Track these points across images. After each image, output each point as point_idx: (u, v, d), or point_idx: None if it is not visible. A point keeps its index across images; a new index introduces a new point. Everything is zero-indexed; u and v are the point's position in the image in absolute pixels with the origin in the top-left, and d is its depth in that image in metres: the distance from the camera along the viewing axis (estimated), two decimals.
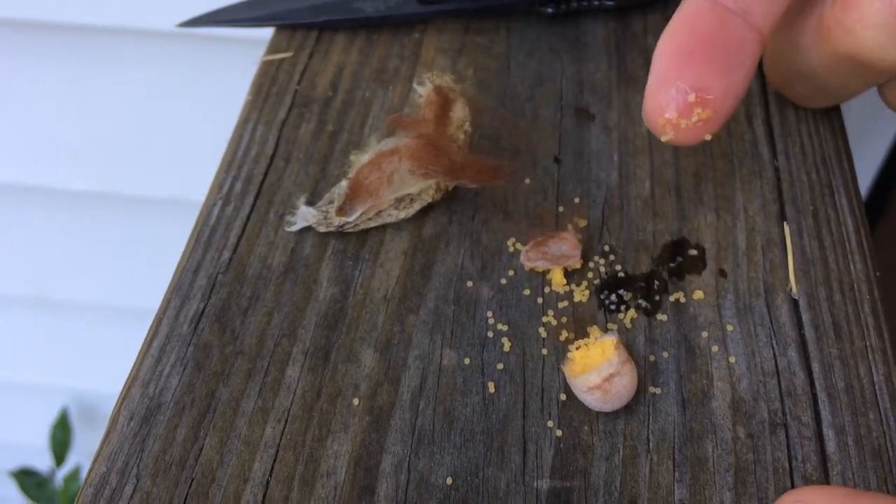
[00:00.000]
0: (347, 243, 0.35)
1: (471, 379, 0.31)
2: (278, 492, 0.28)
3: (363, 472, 0.28)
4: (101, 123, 0.71)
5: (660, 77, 0.28)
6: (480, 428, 0.30)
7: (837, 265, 0.33)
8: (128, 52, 0.64)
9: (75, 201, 0.80)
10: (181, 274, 0.33)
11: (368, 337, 0.32)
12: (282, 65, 0.41)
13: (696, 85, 0.28)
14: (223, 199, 0.36)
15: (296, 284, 0.33)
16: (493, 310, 0.33)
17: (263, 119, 0.39)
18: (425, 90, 0.34)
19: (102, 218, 0.82)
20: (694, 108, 0.28)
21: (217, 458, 0.29)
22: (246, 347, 0.31)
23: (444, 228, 0.35)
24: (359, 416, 0.30)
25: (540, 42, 0.43)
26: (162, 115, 0.69)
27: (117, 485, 0.28)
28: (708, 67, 0.28)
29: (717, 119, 0.28)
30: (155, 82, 0.65)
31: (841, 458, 0.28)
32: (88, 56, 0.65)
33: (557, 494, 0.28)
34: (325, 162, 0.37)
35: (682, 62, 0.28)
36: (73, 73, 0.67)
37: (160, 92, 0.66)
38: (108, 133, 0.72)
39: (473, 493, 0.28)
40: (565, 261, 0.33)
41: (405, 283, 0.33)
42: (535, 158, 0.38)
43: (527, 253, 0.34)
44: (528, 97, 0.40)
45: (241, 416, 0.30)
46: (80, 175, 0.76)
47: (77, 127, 0.72)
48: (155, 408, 0.30)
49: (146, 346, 0.31)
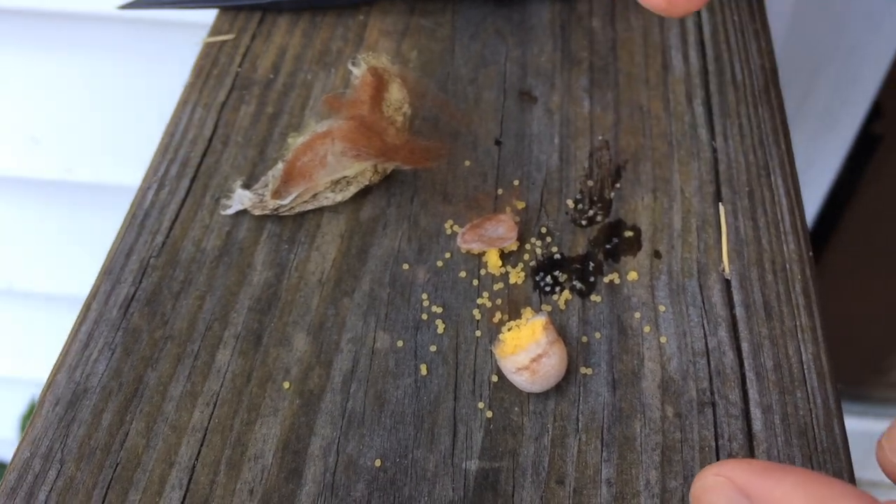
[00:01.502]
0: (283, 227, 0.34)
1: (403, 361, 0.31)
2: (204, 476, 0.28)
3: (291, 455, 0.28)
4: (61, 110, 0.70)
5: None
6: (411, 410, 0.29)
7: (771, 246, 0.33)
8: (81, 37, 0.63)
9: (39, 190, 0.79)
10: (113, 258, 0.33)
11: (301, 321, 0.32)
12: (223, 47, 0.41)
13: None
14: (158, 182, 0.35)
15: (230, 268, 0.33)
16: (428, 292, 0.32)
17: (203, 101, 0.39)
18: (360, 71, 0.34)
19: (67, 207, 0.81)
20: None
21: (143, 443, 0.28)
22: (176, 332, 0.31)
23: (382, 211, 0.35)
24: (289, 400, 0.30)
25: (485, 24, 0.42)
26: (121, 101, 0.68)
27: (40, 470, 0.28)
28: None
29: None
30: (109, 68, 0.64)
31: (767, 437, 0.28)
32: (36, 42, 0.64)
33: (486, 475, 0.28)
34: (263, 145, 0.37)
35: None
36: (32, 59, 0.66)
37: (114, 77, 0.65)
38: (69, 119, 0.71)
39: (402, 474, 0.28)
40: (501, 243, 0.33)
41: (341, 267, 0.33)
42: (476, 141, 0.37)
43: (463, 235, 0.33)
44: (472, 80, 0.40)
45: (169, 400, 0.29)
46: (42, 162, 0.75)
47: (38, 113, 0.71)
48: (81, 393, 0.29)
49: (74, 332, 0.31)
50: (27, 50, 0.65)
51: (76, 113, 0.70)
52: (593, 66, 0.40)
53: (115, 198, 0.77)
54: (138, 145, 0.69)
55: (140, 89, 0.66)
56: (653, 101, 0.38)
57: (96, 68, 0.65)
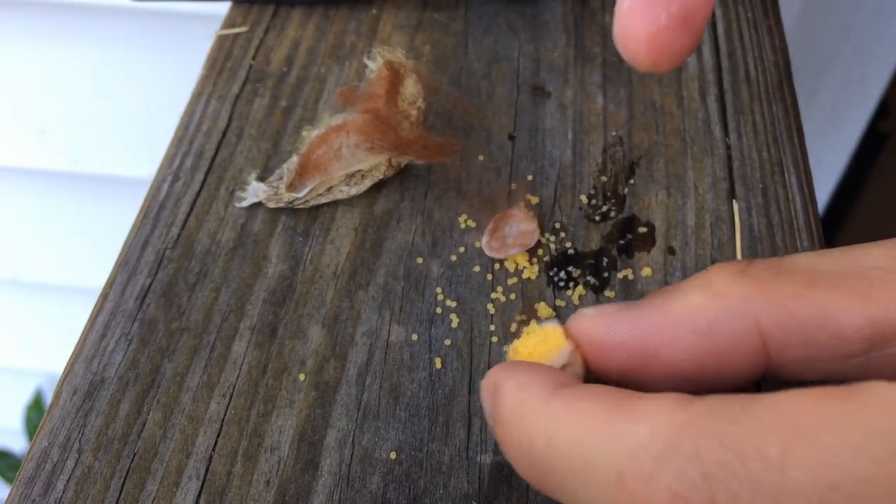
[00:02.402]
0: (298, 219, 0.34)
1: (418, 355, 0.31)
2: (221, 466, 0.28)
3: (307, 446, 0.28)
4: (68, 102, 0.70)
5: None
6: (426, 403, 0.30)
7: (784, 243, 0.33)
8: (91, 29, 0.63)
9: (47, 180, 0.79)
10: (128, 249, 0.33)
11: (316, 313, 0.32)
12: (237, 39, 0.41)
13: None
14: (173, 174, 0.36)
15: (244, 260, 0.33)
16: (442, 286, 0.33)
17: (217, 94, 0.39)
18: (376, 65, 0.34)
19: (74, 198, 0.81)
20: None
21: (160, 433, 0.29)
22: (192, 323, 0.31)
23: (395, 205, 0.35)
24: (304, 392, 0.30)
25: (498, 19, 0.42)
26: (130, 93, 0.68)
27: (58, 459, 0.28)
28: None
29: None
30: (118, 60, 0.64)
31: None
32: (50, 33, 0.64)
33: (500, 468, 0.28)
34: (277, 138, 0.37)
35: None
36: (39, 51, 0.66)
37: (123, 69, 0.65)
38: (76, 111, 0.71)
39: (417, 466, 0.28)
40: (526, 238, 0.33)
41: (355, 260, 0.33)
42: (489, 136, 0.37)
43: (489, 245, 0.33)
44: (485, 74, 0.40)
45: (186, 391, 0.30)
46: (48, 153, 0.76)
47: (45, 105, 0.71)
48: (98, 383, 0.30)
49: (91, 322, 0.31)
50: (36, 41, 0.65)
51: (83, 104, 0.70)
52: (606, 61, 0.40)
53: (121, 189, 0.77)
54: (145, 137, 0.69)
55: (147, 81, 0.66)
56: (666, 98, 0.38)
57: (104, 60, 0.65)
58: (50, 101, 0.70)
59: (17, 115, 0.72)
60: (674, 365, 0.21)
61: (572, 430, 0.18)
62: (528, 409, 0.19)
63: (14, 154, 0.76)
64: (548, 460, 0.19)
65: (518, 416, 0.20)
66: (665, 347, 0.21)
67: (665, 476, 0.16)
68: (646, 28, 0.22)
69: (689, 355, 0.21)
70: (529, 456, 0.19)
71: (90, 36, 0.63)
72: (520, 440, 0.19)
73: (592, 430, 0.18)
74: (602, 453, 0.17)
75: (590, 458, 0.17)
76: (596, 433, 0.18)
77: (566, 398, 0.19)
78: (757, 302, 0.20)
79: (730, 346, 0.21)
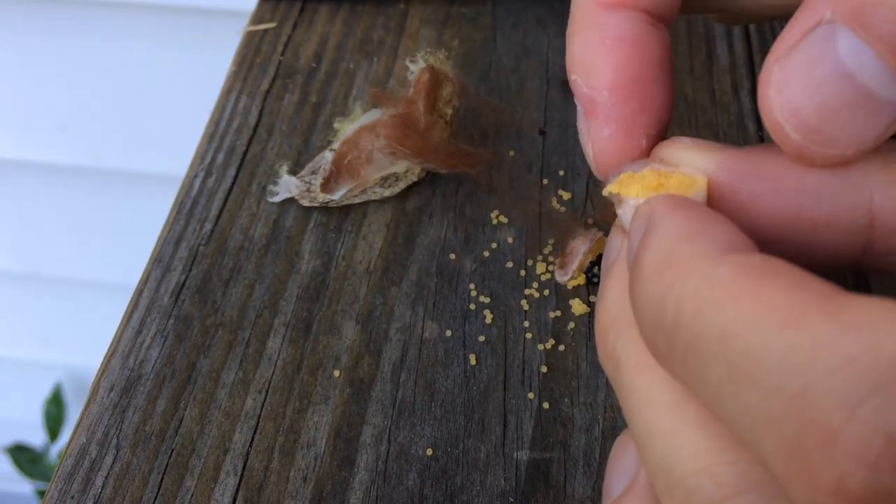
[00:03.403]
0: (330, 216, 0.34)
1: (452, 351, 0.31)
2: (258, 462, 0.28)
3: (343, 443, 0.29)
4: (89, 97, 0.70)
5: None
6: (461, 399, 0.30)
7: None
8: (115, 26, 0.63)
9: (69, 176, 0.79)
10: (162, 245, 0.33)
11: (350, 309, 0.32)
12: (265, 35, 0.41)
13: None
14: (205, 170, 0.36)
15: (278, 256, 0.33)
16: (475, 282, 0.33)
17: (247, 90, 0.39)
18: (417, 68, 0.34)
19: (96, 193, 0.82)
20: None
21: (197, 429, 0.29)
22: (227, 319, 0.31)
23: (427, 201, 0.35)
24: (339, 388, 0.30)
25: (526, 13, 0.42)
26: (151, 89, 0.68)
27: (97, 455, 0.28)
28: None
29: None
30: (140, 56, 0.64)
31: None
32: (75, 30, 0.64)
33: (537, 465, 0.28)
34: (308, 133, 0.37)
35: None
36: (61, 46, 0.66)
37: (146, 65, 0.65)
38: (97, 106, 0.71)
39: (453, 463, 0.28)
40: (595, 247, 0.32)
41: (388, 256, 0.33)
42: (519, 131, 0.37)
43: (563, 270, 0.32)
44: (514, 69, 0.40)
45: (222, 387, 0.30)
46: (70, 149, 0.76)
47: (66, 100, 0.71)
48: (135, 379, 0.30)
49: (126, 318, 0.31)
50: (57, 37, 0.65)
51: (105, 100, 0.71)
52: None
53: (142, 185, 0.78)
54: (166, 133, 0.69)
55: (170, 78, 0.66)
56: (698, 92, 0.38)
57: (126, 56, 0.65)
58: (72, 97, 0.71)
59: (39, 110, 0.73)
60: (757, 220, 0.18)
61: (741, 312, 0.14)
62: (685, 268, 0.15)
63: (36, 149, 0.76)
64: (690, 336, 0.15)
65: (669, 272, 0.15)
66: (759, 199, 0.18)
67: (884, 414, 0.12)
68: (625, 154, 0.21)
69: (782, 216, 0.18)
70: (664, 323, 0.15)
71: (114, 32, 0.63)
72: (660, 300, 0.15)
73: (773, 322, 0.13)
74: (781, 356, 0.13)
75: (758, 355, 0.13)
76: (779, 328, 0.13)
77: (739, 269, 0.14)
78: (878, 178, 0.17)
79: (832, 218, 0.17)
